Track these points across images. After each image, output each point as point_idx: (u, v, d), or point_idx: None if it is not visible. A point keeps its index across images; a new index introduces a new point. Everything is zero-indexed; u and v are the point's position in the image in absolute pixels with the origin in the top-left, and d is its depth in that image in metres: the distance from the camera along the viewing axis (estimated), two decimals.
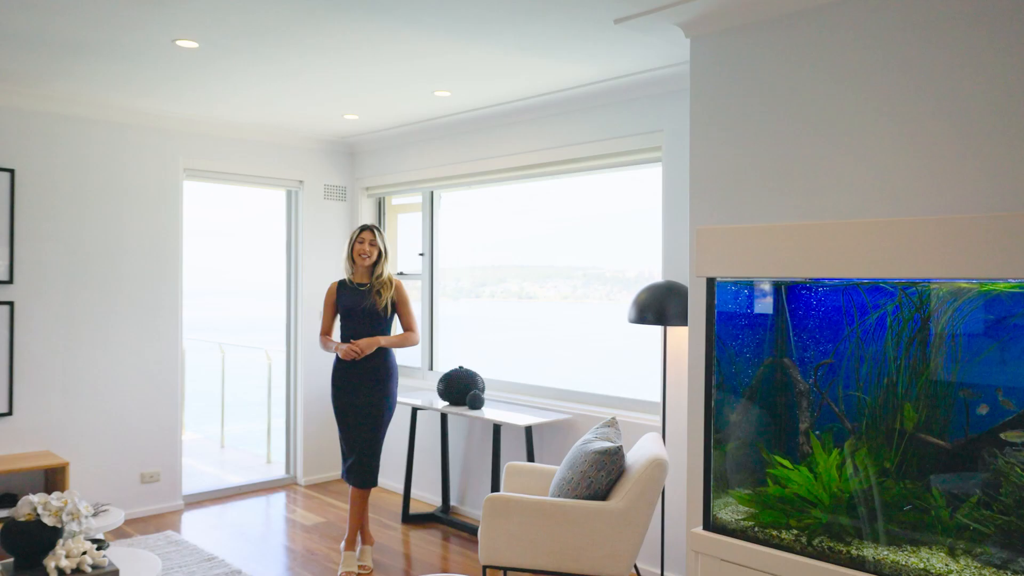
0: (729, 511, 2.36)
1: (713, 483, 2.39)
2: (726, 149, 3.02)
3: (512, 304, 6.02)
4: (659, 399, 4.19)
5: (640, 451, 3.40)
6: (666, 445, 3.73)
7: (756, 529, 2.24)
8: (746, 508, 2.33)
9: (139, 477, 5.07)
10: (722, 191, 3.03)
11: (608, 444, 3.33)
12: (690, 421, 3.16)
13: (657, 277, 4.24)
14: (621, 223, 5.03)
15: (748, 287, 2.57)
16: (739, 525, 2.28)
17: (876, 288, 2.28)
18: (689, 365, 3.15)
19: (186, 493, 5.38)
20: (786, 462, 2.28)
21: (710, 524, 2.29)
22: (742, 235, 2.24)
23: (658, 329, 4.16)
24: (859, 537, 2.11)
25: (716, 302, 2.39)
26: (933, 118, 2.42)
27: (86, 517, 2.88)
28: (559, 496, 3.34)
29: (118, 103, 4.80)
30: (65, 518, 2.84)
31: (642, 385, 4.73)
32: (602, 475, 3.26)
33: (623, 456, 3.29)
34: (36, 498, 2.85)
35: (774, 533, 2.20)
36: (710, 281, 2.31)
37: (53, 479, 4.56)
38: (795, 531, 2.18)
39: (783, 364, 2.54)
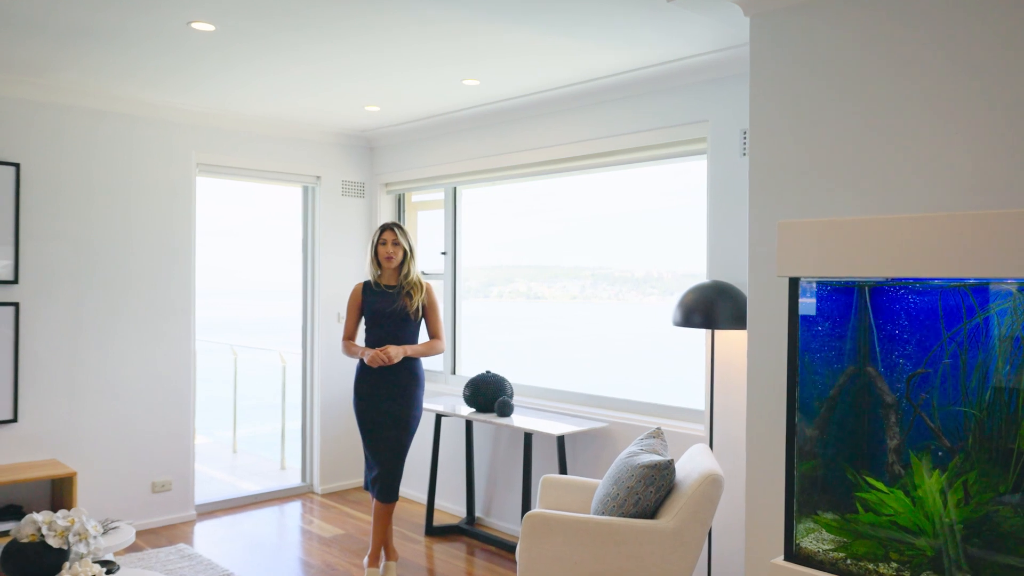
0: (812, 539, 2.10)
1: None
2: (790, 137, 2.76)
3: (520, 304, 5.81)
4: (703, 407, 3.93)
5: (690, 465, 3.14)
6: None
7: (849, 561, 1.98)
8: (834, 536, 2.07)
9: (150, 486, 4.84)
10: (786, 183, 2.77)
11: (657, 457, 3.07)
12: (749, 433, 2.90)
13: (665, 277, 4.00)
14: (636, 221, 4.81)
15: (826, 287, 2.30)
16: (827, 556, 2.02)
17: (982, 289, 2.02)
18: (748, 373, 2.90)
19: (199, 503, 5.15)
20: (880, 485, 2.02)
21: (793, 554, 2.03)
22: (833, 230, 1.99)
23: (695, 332, 3.90)
24: (973, 573, 1.85)
25: (791, 304, 2.14)
26: None
27: (94, 537, 2.65)
28: (603, 513, 3.09)
29: (128, 94, 4.56)
30: (71, 539, 2.61)
31: (679, 391, 4.48)
32: (651, 491, 3.01)
33: (674, 471, 3.04)
34: (40, 517, 2.62)
35: (870, 567, 1.94)
36: (793, 282, 2.05)
37: (60, 489, 4.33)
38: (895, 564, 1.92)
39: (867, 373, 2.28)
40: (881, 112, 2.53)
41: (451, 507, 5.18)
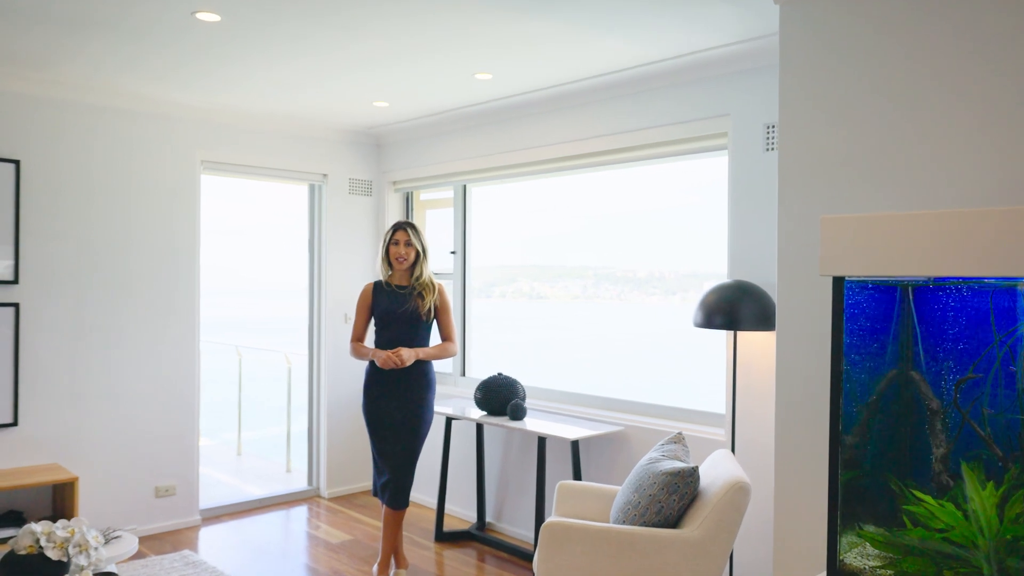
0: (856, 555, 1.98)
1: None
2: (822, 130, 2.64)
3: (523, 304, 5.70)
4: (722, 410, 3.81)
5: (714, 472, 3.02)
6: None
7: None
8: (880, 552, 1.95)
9: (153, 491, 4.73)
10: (817, 177, 2.65)
11: (681, 464, 2.95)
12: (778, 440, 2.78)
13: (667, 276, 3.88)
14: (643, 220, 4.70)
15: (865, 286, 2.18)
16: (874, 573, 1.89)
17: None
18: (777, 376, 2.78)
19: (203, 507, 5.03)
20: (929, 499, 1.90)
21: (837, 571, 1.90)
22: (881, 225, 1.86)
23: (707, 332, 3.77)
24: None
25: (835, 305, 2.01)
26: None
27: (95, 548, 2.53)
28: (624, 522, 2.97)
29: (131, 89, 4.45)
30: (71, 551, 2.49)
31: (694, 393, 4.36)
32: (674, 499, 2.88)
33: (699, 478, 2.91)
34: (39, 527, 2.50)
35: None
36: (837, 281, 1.93)
37: (61, 495, 4.22)
38: None
39: (910, 378, 2.15)
40: (918, 103, 2.41)
41: (461, 512, 5.06)
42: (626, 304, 5.05)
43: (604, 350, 5.39)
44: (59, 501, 4.25)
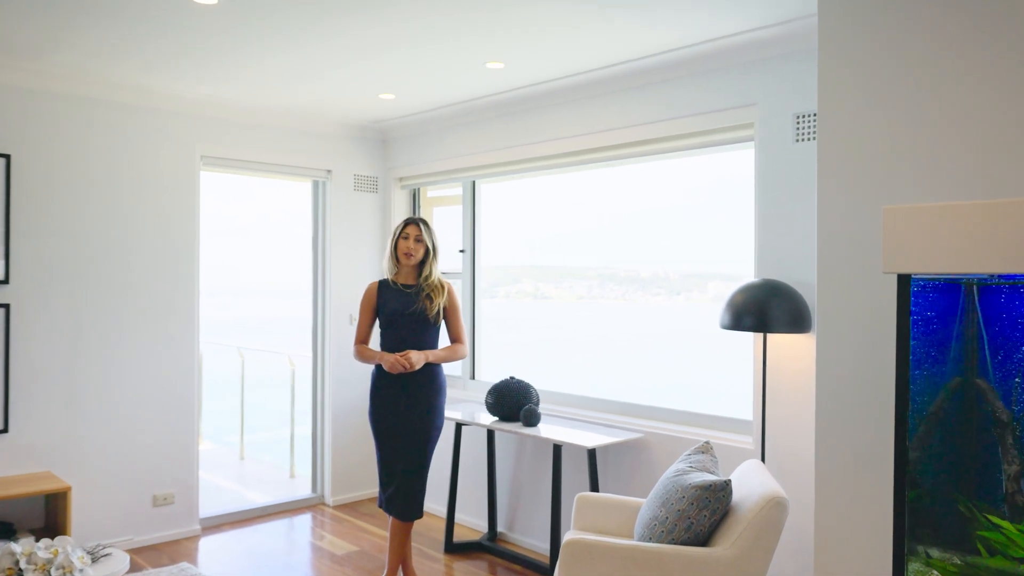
0: None
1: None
2: (865, 117, 2.44)
3: (527, 304, 5.52)
4: (748, 417, 3.60)
5: (747, 485, 2.81)
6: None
7: None
8: None
9: (151, 500, 4.53)
10: (860, 167, 2.45)
11: (712, 477, 2.75)
12: (819, 453, 2.57)
13: (670, 276, 3.69)
14: (652, 219, 4.52)
15: (925, 285, 1.97)
16: None
17: None
18: (818, 382, 2.57)
19: (203, 516, 4.84)
20: (1008, 525, 1.70)
21: None
22: (957, 215, 1.66)
23: (728, 334, 3.56)
24: None
25: (900, 306, 1.81)
26: None
27: (80, 571, 2.34)
28: (650, 539, 2.77)
29: (127, 80, 4.25)
30: (54, 573, 2.30)
31: (713, 398, 4.16)
32: (705, 515, 2.68)
33: (731, 492, 2.71)
34: (19, 547, 2.31)
35: None
36: (903, 279, 1.72)
37: (54, 505, 4.03)
38: None
39: (976, 386, 1.95)
40: (974, 84, 2.20)
41: (472, 521, 4.86)
42: (640, 305, 4.88)
43: (612, 351, 5.22)
44: (52, 511, 4.07)
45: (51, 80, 4.11)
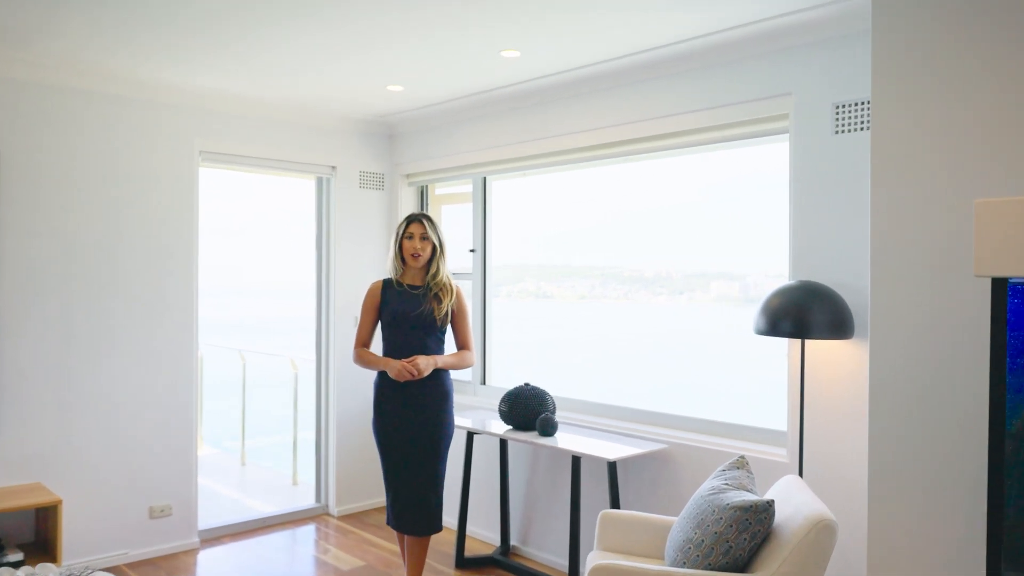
0: None
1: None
2: (924, 106, 2.22)
3: (530, 304, 5.31)
4: (782, 427, 3.38)
5: (788, 505, 2.59)
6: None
7: None
8: None
9: (147, 512, 4.32)
10: (917, 160, 2.23)
11: (752, 497, 2.53)
12: (872, 469, 2.36)
13: (673, 276, 3.47)
14: (664, 217, 4.31)
15: (1006, 288, 1.75)
16: None
17: None
18: (871, 395, 2.36)
19: (203, 527, 4.62)
20: None
21: None
22: None
23: (754, 338, 3.32)
24: None
25: (994, 312, 1.59)
26: None
27: None
28: (684, 564, 2.55)
29: (121, 70, 4.04)
30: None
31: (742, 406, 3.94)
32: (745, 538, 2.46)
33: (773, 514, 2.49)
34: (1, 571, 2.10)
35: None
36: (998, 283, 1.51)
37: (44, 518, 3.82)
38: None
39: None
40: None
41: (484, 534, 4.64)
42: (642, 305, 4.68)
43: (612, 352, 5.00)
44: (42, 525, 3.86)
45: (41, 70, 3.90)
